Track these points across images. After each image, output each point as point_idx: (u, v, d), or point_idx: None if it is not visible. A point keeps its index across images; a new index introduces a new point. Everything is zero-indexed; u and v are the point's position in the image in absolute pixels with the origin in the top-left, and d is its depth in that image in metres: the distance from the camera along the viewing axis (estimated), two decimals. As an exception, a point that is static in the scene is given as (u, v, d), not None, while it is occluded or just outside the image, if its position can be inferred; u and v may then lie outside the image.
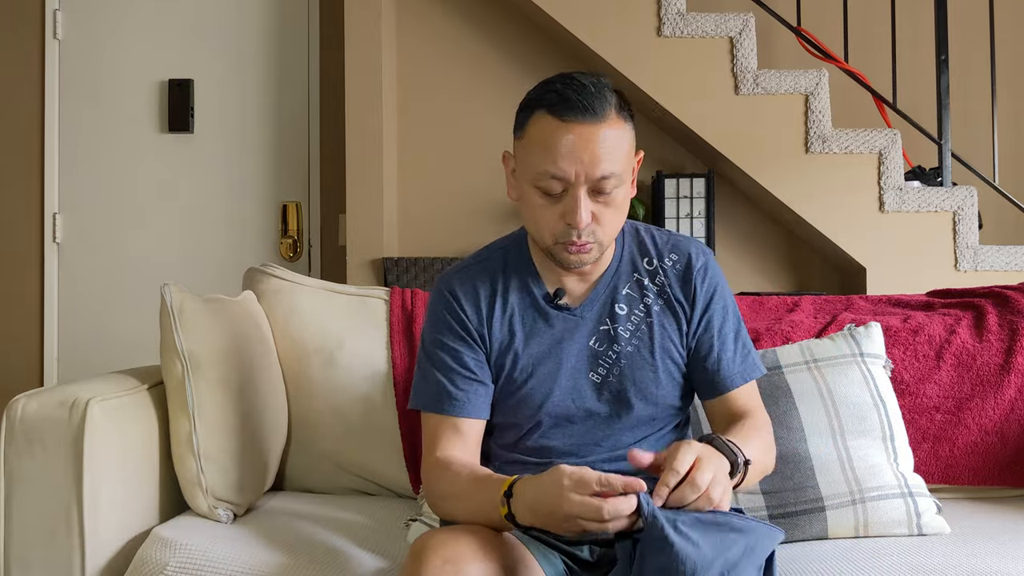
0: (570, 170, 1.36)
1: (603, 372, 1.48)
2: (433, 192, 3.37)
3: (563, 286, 1.51)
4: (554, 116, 1.36)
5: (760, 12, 3.14)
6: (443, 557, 1.23)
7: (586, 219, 1.37)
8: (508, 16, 3.36)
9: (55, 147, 3.46)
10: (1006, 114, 3.36)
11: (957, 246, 2.96)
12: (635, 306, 1.50)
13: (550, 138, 1.36)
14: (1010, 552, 1.54)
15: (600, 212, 1.39)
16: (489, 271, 1.54)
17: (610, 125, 1.37)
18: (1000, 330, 1.97)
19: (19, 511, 1.59)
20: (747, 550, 1.21)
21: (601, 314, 1.50)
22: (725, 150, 3.02)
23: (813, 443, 1.73)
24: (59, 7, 3.46)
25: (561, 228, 1.40)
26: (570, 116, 1.35)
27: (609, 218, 1.40)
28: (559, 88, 1.38)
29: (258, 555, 1.53)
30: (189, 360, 1.69)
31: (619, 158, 1.37)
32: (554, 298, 1.50)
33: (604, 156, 1.35)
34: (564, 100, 1.36)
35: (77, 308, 3.45)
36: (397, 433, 1.95)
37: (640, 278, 1.52)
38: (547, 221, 1.41)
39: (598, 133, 1.35)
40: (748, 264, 3.31)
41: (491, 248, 1.59)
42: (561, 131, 1.36)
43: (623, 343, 1.48)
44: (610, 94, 1.39)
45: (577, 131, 1.35)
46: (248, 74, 3.43)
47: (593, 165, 1.35)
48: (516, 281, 1.52)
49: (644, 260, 1.53)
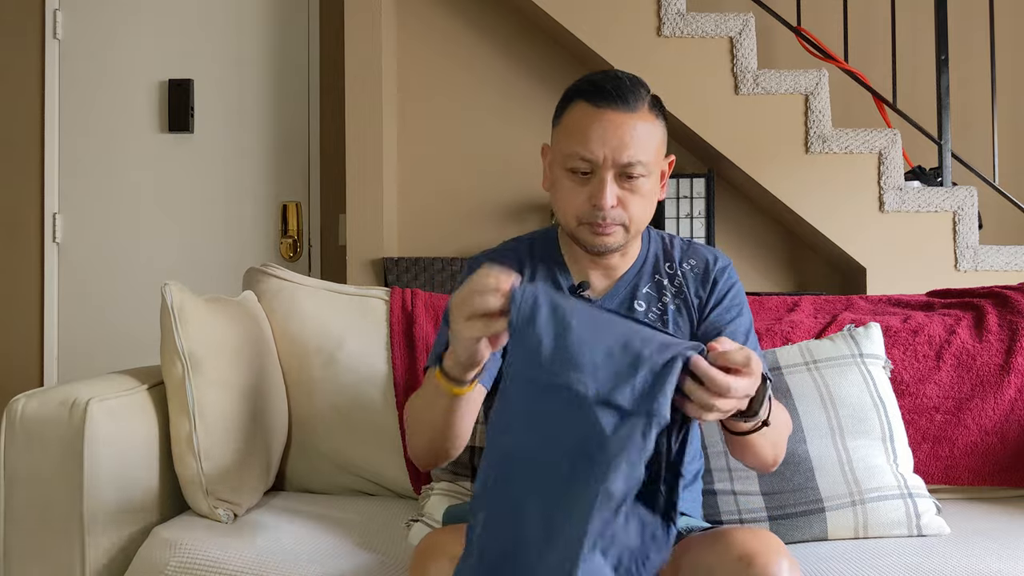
0: (599, 152, 1.42)
1: None
2: (433, 192, 3.37)
3: (588, 279, 1.54)
4: (589, 103, 1.43)
5: (760, 12, 3.14)
6: (449, 555, 1.23)
7: (611, 200, 1.43)
8: (508, 16, 3.36)
9: (55, 147, 3.46)
10: (1006, 114, 3.35)
11: (957, 246, 2.96)
12: (653, 304, 1.54)
13: (584, 122, 1.43)
14: (1010, 552, 1.55)
15: (626, 198, 1.45)
16: (518, 258, 1.59)
17: (641, 117, 1.43)
18: (1000, 330, 1.97)
19: (19, 511, 1.59)
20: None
21: (620, 308, 1.53)
22: (725, 150, 3.02)
23: (813, 444, 1.73)
24: (59, 7, 3.46)
25: (587, 209, 1.45)
26: (604, 103, 1.42)
27: (635, 205, 1.45)
28: (597, 79, 1.45)
29: (258, 555, 1.53)
30: (189, 360, 1.69)
31: (648, 149, 1.43)
32: (578, 289, 1.52)
33: (632, 143, 1.42)
34: (599, 89, 1.43)
35: (77, 308, 3.45)
36: (397, 433, 1.95)
37: (660, 279, 1.56)
38: (574, 202, 1.46)
39: (628, 121, 1.42)
40: (748, 264, 3.31)
41: (519, 240, 1.64)
42: (594, 116, 1.43)
43: None
44: (645, 91, 1.45)
45: (609, 117, 1.42)
46: (248, 74, 3.43)
47: (621, 150, 1.41)
48: (543, 269, 1.57)
49: (666, 264, 1.58)
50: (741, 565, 1.21)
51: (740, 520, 1.69)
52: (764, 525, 1.67)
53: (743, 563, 1.21)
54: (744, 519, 1.69)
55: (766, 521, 1.68)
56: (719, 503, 1.71)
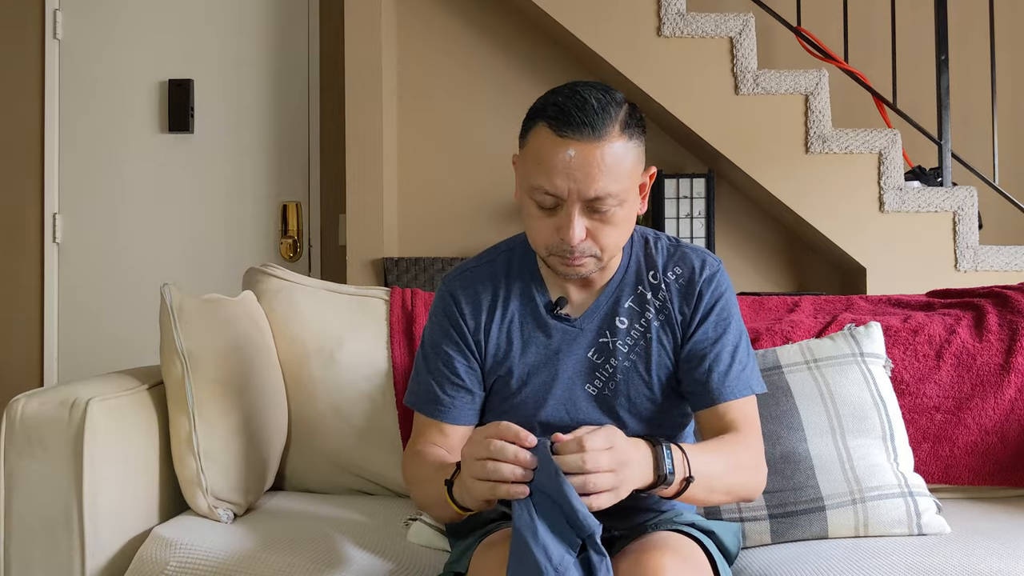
0: (563, 187, 1.32)
1: (599, 385, 1.47)
2: (433, 192, 3.37)
3: (566, 294, 1.49)
4: (553, 131, 1.32)
5: (760, 12, 3.14)
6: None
7: (579, 235, 1.34)
8: (508, 16, 3.36)
9: (55, 147, 3.46)
10: (1006, 114, 3.36)
11: (957, 246, 2.96)
12: (635, 321, 1.48)
13: (547, 153, 1.33)
14: (1010, 552, 1.54)
15: (596, 229, 1.36)
16: (492, 275, 1.53)
17: (611, 141, 1.32)
18: (1000, 330, 1.97)
19: (19, 511, 1.59)
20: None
21: (601, 326, 1.48)
22: (725, 150, 3.02)
23: (813, 443, 1.73)
24: (59, 7, 3.46)
25: (555, 241, 1.37)
26: (568, 132, 1.31)
27: (606, 235, 1.37)
28: (561, 101, 1.33)
29: (258, 555, 1.53)
30: (189, 360, 1.69)
31: (619, 177, 1.33)
32: (556, 307, 1.49)
33: (600, 176, 1.31)
34: (564, 115, 1.32)
35: (77, 308, 3.45)
36: (397, 433, 1.95)
37: (643, 292, 1.49)
38: (541, 232, 1.39)
39: (595, 151, 1.31)
40: (748, 264, 3.31)
41: (496, 250, 1.57)
42: (558, 147, 1.32)
43: (620, 357, 1.47)
44: (616, 109, 1.33)
45: (574, 147, 1.31)
46: (248, 74, 3.43)
47: (588, 184, 1.31)
48: (519, 287, 1.51)
49: (649, 273, 1.50)
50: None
51: (741, 519, 1.69)
52: (764, 524, 1.67)
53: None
54: (744, 517, 1.69)
55: (766, 520, 1.68)
56: (719, 503, 1.71)
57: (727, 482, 1.38)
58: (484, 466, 1.19)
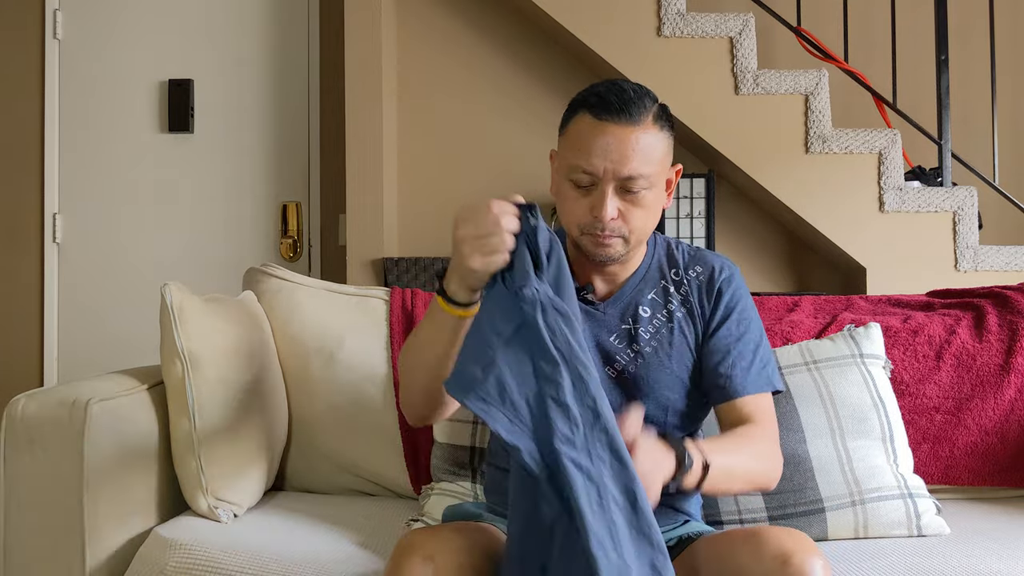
0: (600, 166, 1.42)
1: (619, 368, 1.51)
2: (433, 192, 3.37)
3: (592, 283, 1.54)
4: (592, 115, 1.43)
5: (760, 12, 3.14)
6: (423, 555, 1.25)
7: (611, 213, 1.43)
8: (508, 16, 3.36)
9: (55, 147, 3.46)
10: (1006, 114, 3.35)
11: (957, 246, 2.96)
12: (658, 311, 1.53)
13: (586, 135, 1.43)
14: (1010, 552, 1.55)
15: (627, 210, 1.44)
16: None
17: (645, 129, 1.43)
18: (1000, 330, 1.97)
19: (19, 511, 1.59)
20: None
21: (624, 313, 1.53)
22: (725, 150, 3.02)
23: (813, 444, 1.73)
24: (59, 7, 3.46)
25: (588, 220, 1.45)
26: (606, 116, 1.42)
27: (636, 217, 1.45)
28: (601, 91, 1.45)
29: (258, 555, 1.53)
30: (189, 360, 1.69)
31: (650, 161, 1.43)
32: (582, 290, 1.53)
33: (634, 157, 1.41)
34: (603, 101, 1.43)
35: (77, 308, 3.45)
36: (397, 433, 1.95)
37: (666, 285, 1.55)
38: (576, 212, 1.46)
39: (631, 135, 1.41)
40: (748, 264, 3.30)
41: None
42: (597, 129, 1.42)
43: (642, 343, 1.51)
44: (650, 101, 1.45)
45: (611, 131, 1.42)
46: (248, 74, 3.43)
47: (622, 163, 1.41)
48: None
49: (672, 271, 1.57)
50: (776, 564, 1.21)
51: (740, 521, 1.69)
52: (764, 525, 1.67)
53: (778, 562, 1.22)
54: (744, 519, 1.69)
55: (766, 521, 1.68)
56: (719, 503, 1.71)
57: (746, 469, 1.43)
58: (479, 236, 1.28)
